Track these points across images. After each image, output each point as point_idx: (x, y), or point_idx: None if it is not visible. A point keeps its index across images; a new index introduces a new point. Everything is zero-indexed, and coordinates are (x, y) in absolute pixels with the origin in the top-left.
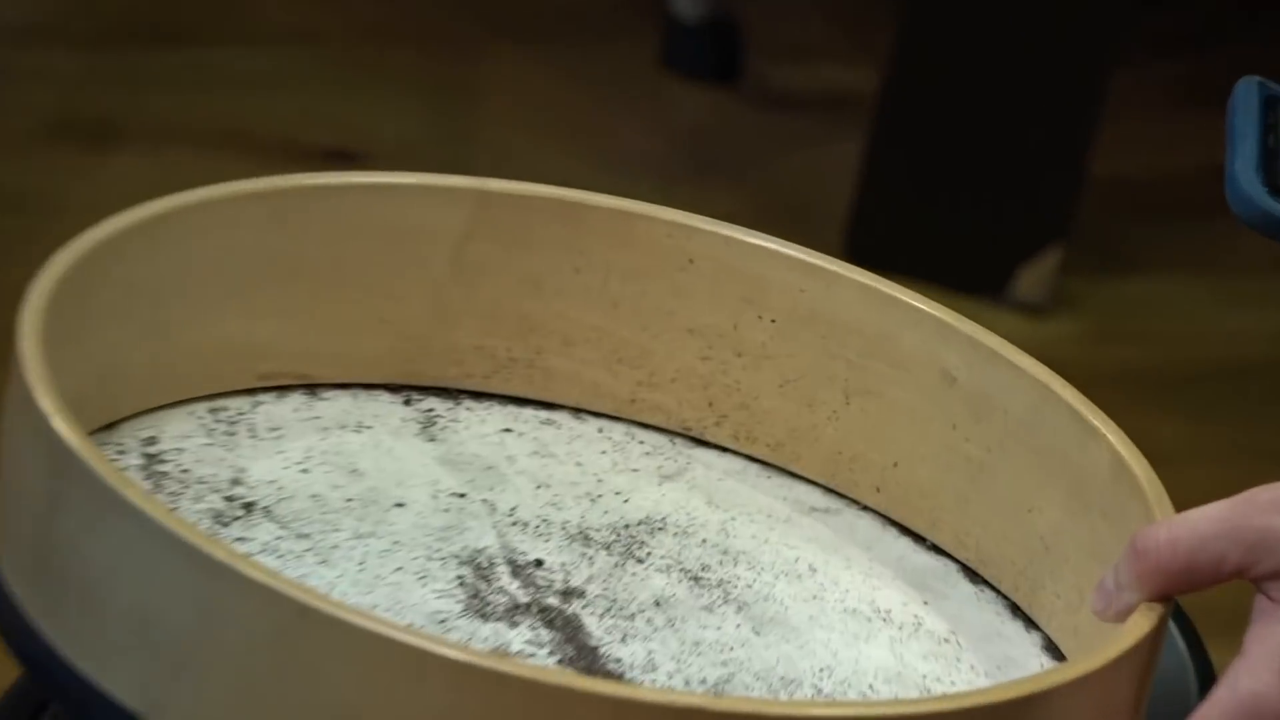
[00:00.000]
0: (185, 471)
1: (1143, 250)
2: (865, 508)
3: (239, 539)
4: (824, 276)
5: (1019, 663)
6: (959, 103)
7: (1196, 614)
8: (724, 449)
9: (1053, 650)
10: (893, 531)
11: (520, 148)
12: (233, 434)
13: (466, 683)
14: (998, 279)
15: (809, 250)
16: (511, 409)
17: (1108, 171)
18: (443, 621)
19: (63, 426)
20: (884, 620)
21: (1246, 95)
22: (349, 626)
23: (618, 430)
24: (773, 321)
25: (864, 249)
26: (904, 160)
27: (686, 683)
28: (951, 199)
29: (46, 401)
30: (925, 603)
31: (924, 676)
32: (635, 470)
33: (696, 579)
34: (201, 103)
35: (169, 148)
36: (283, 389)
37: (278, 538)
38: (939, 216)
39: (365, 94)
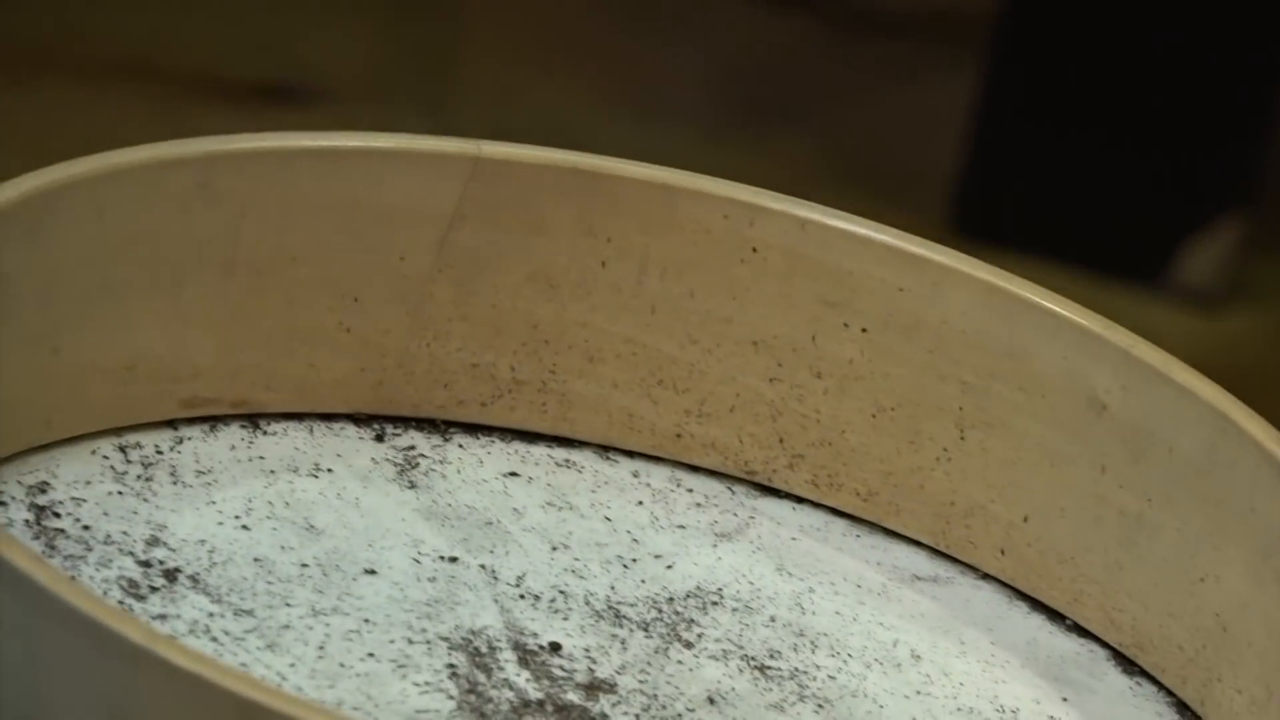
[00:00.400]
0: (86, 529)
1: None
2: (985, 575)
3: (159, 616)
4: (931, 271)
5: None
6: (1103, 23)
7: None
8: (799, 499)
9: None
10: (1021, 607)
11: (519, 87)
12: (149, 479)
13: None
14: (1155, 260)
15: (911, 236)
16: (518, 446)
17: None
18: None
19: None
20: None
21: None
22: None
23: (659, 474)
24: (863, 331)
25: (975, 219)
26: (1029, 100)
27: None
28: (1092, 152)
29: None
30: (1065, 699)
31: None
32: (682, 527)
33: (763, 669)
34: (87, 22)
35: (43, 83)
36: (214, 420)
37: (210, 615)
38: (1075, 176)
39: (309, 11)
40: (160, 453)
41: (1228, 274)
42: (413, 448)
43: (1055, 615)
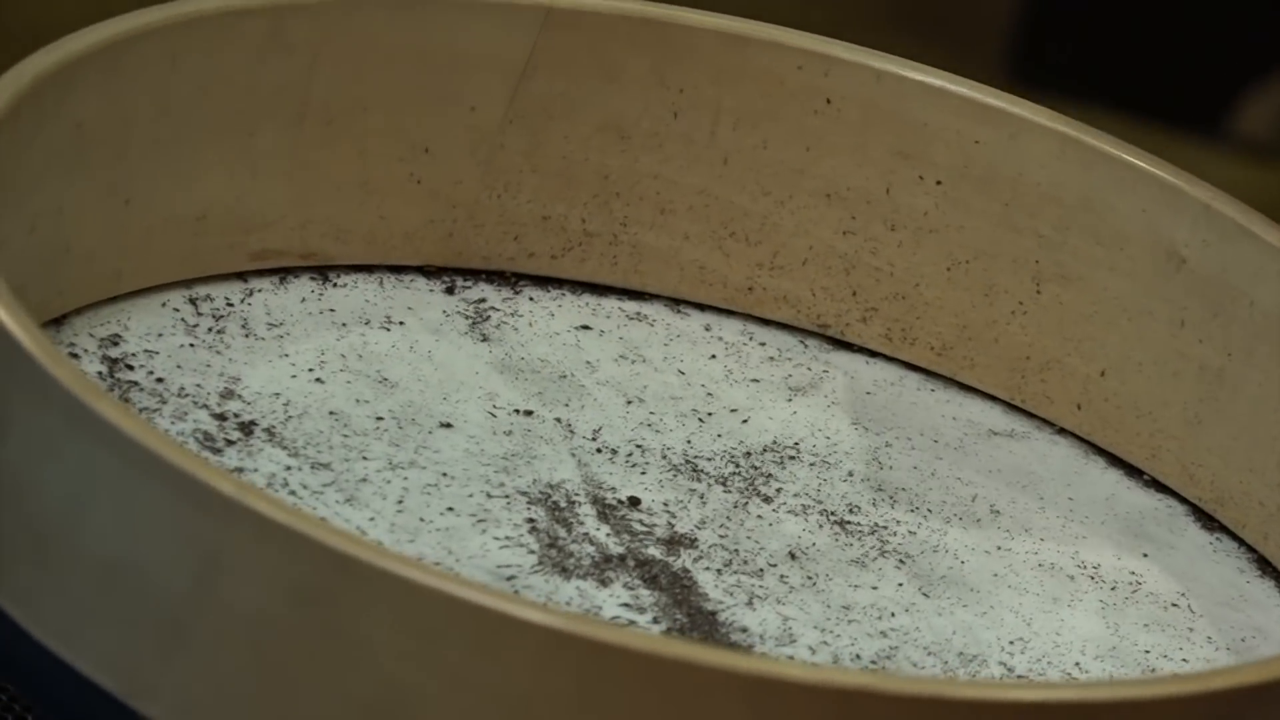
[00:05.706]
0: (160, 381)
1: None
2: (1061, 430)
3: (236, 469)
4: (1008, 123)
5: (1269, 634)
6: None
7: None
8: (872, 353)
9: None
10: (1099, 462)
11: None
12: (221, 331)
13: (564, 657)
14: (1211, 110)
15: (987, 88)
16: (589, 299)
17: None
18: (511, 578)
19: (8, 316)
20: (1091, 578)
21: None
22: (411, 585)
23: (730, 327)
24: (938, 183)
25: (1032, 69)
26: None
27: (835, 659)
28: (1150, 1)
29: None
30: (1145, 555)
31: (1146, 652)
32: (756, 381)
33: (842, 524)
34: None
35: None
36: (284, 272)
37: (288, 468)
38: (1133, 25)
39: None
40: (231, 305)
41: None
42: (483, 300)
43: (1133, 470)
